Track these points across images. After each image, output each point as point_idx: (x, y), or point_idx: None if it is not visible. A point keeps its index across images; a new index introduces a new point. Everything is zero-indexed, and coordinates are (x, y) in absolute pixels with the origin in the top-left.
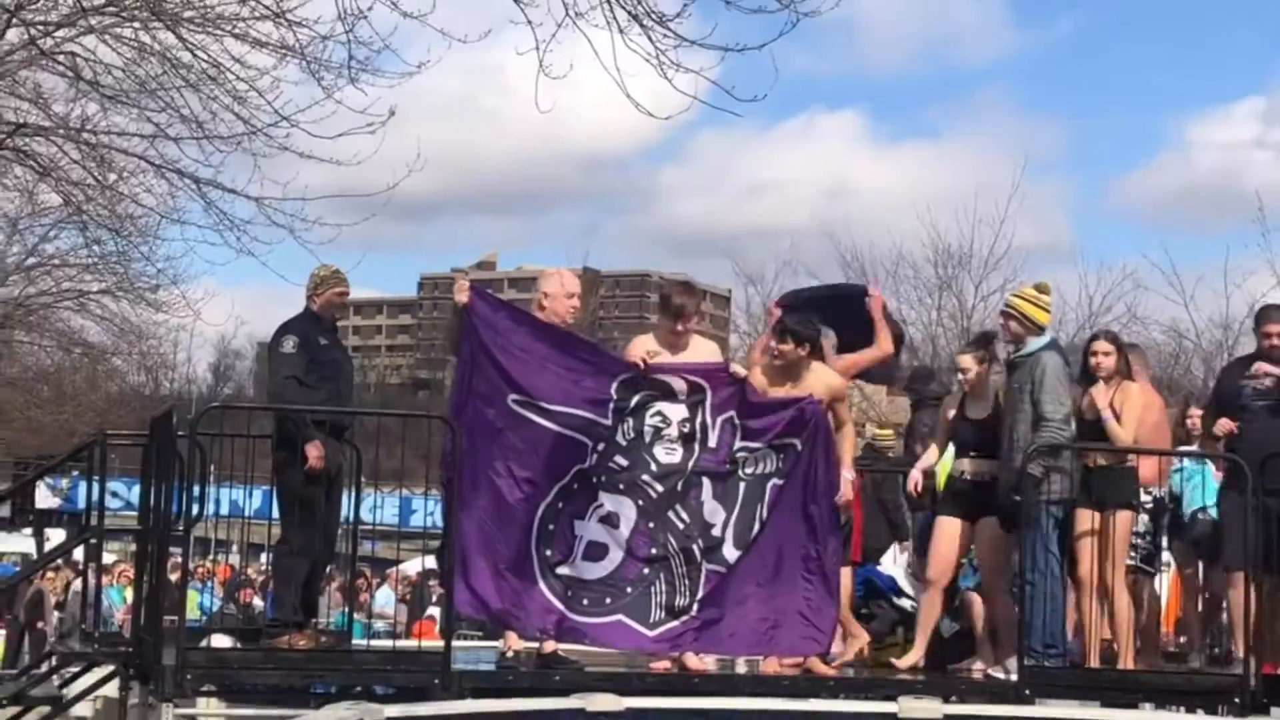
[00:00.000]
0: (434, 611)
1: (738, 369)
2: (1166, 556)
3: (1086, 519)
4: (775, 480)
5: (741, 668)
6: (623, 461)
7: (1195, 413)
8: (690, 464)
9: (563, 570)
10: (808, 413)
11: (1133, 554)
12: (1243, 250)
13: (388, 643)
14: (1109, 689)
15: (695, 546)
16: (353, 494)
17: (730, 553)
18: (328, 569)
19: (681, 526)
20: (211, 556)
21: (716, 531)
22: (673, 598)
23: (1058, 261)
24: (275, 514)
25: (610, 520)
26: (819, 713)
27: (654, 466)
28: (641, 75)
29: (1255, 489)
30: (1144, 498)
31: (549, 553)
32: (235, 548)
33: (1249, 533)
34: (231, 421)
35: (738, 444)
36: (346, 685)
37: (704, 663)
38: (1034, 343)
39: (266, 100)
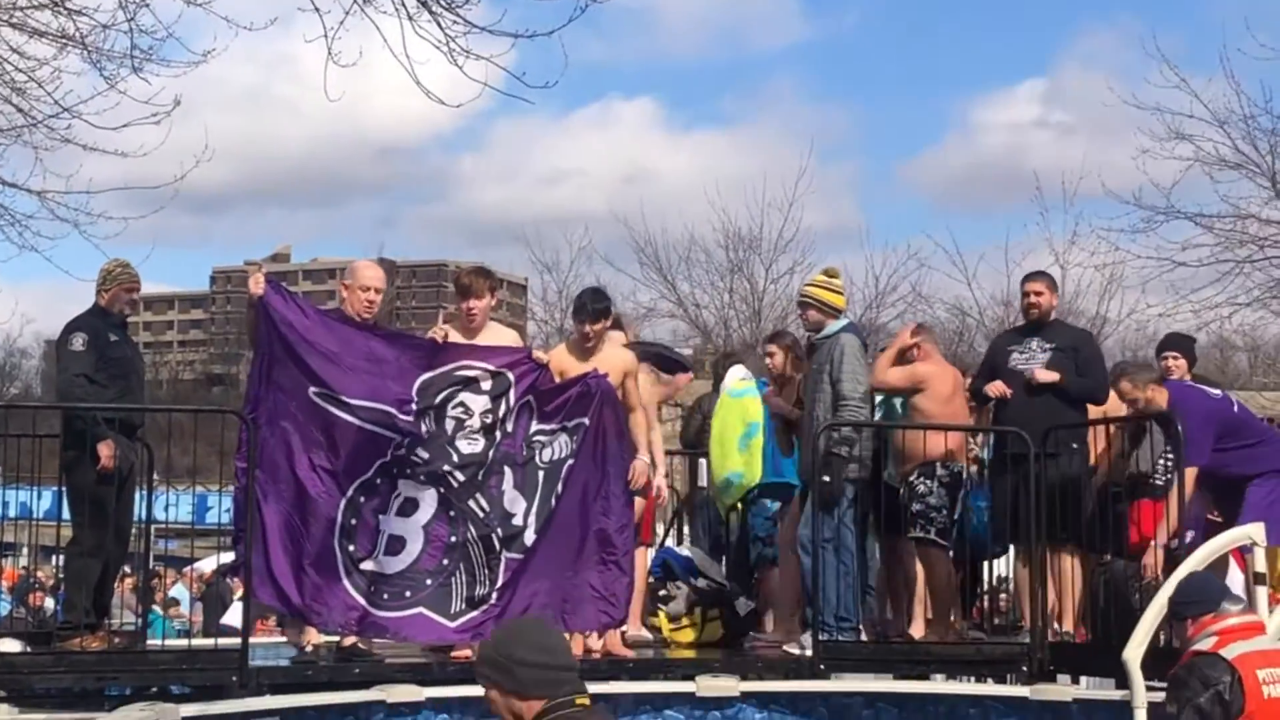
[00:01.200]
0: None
1: (540, 354)
2: None
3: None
4: (570, 462)
5: None
6: (424, 454)
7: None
8: (491, 454)
9: (366, 566)
10: (593, 387)
11: (927, 527)
12: (1023, 229)
13: (183, 641)
14: (901, 661)
15: (495, 535)
16: (145, 492)
17: (530, 539)
18: (121, 569)
19: (481, 515)
20: (1, 559)
21: (518, 521)
22: (473, 588)
23: (847, 243)
24: (66, 515)
25: (409, 508)
26: (619, 694)
27: (455, 457)
28: (433, 63)
29: (1039, 457)
30: (940, 471)
31: (352, 548)
32: (24, 550)
33: (1031, 504)
34: (17, 421)
35: (534, 428)
36: (141, 686)
37: None
38: (832, 325)
39: (46, 91)
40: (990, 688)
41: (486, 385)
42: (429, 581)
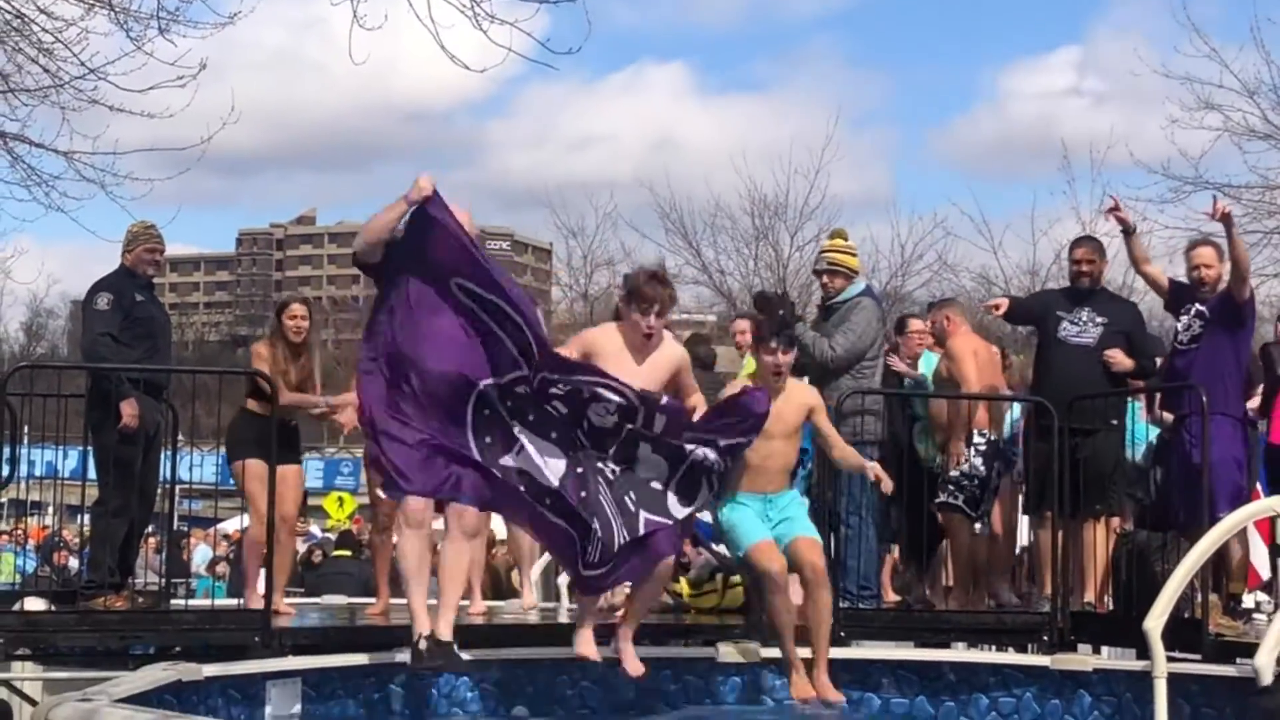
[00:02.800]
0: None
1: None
2: None
3: None
4: (714, 472)
5: (564, 616)
6: (563, 409)
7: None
8: (624, 433)
9: (505, 460)
10: (754, 402)
11: (956, 493)
12: (1049, 198)
13: (206, 602)
14: (922, 629)
15: (629, 498)
16: (171, 453)
17: (673, 505)
18: (146, 529)
19: (613, 476)
20: (27, 518)
21: (657, 484)
22: (605, 546)
23: (874, 210)
24: (91, 474)
25: (535, 465)
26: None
27: (585, 425)
28: (459, 27)
29: (1062, 429)
30: (977, 439)
31: (488, 439)
32: (50, 509)
33: (1056, 472)
34: (44, 381)
35: (685, 434)
36: (165, 646)
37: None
38: (850, 289)
39: (73, 52)
40: (1011, 656)
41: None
42: (568, 513)
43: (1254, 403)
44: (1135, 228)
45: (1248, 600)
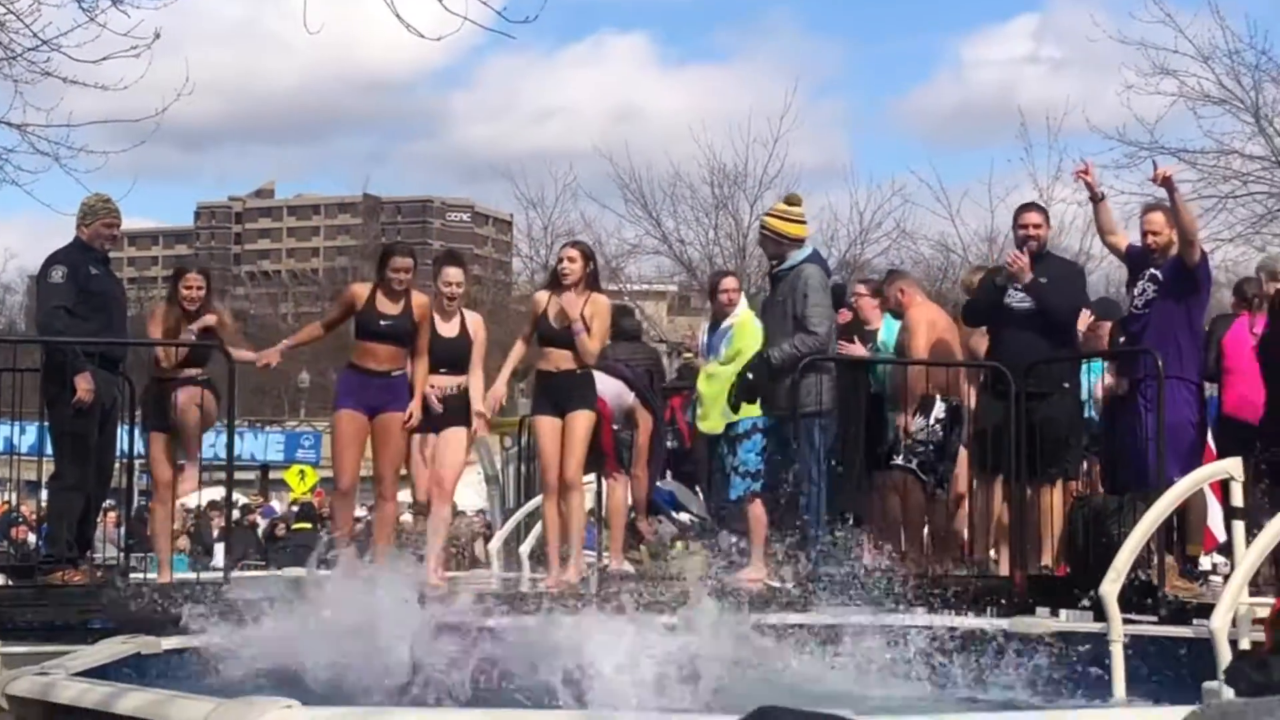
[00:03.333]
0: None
1: None
2: None
3: (546, 425)
4: None
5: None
6: None
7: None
8: None
9: None
10: None
11: (910, 457)
12: (1007, 165)
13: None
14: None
15: None
16: (128, 426)
17: None
18: (104, 504)
19: None
20: None
21: None
22: None
23: (834, 179)
24: (49, 449)
25: None
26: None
27: None
28: None
29: (1019, 394)
30: (937, 406)
31: None
32: (9, 485)
33: (1012, 437)
34: (0, 356)
35: None
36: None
37: None
38: (795, 256)
39: (25, 24)
40: (969, 620)
41: None
42: None
43: None
44: (1103, 195)
45: (1204, 563)
